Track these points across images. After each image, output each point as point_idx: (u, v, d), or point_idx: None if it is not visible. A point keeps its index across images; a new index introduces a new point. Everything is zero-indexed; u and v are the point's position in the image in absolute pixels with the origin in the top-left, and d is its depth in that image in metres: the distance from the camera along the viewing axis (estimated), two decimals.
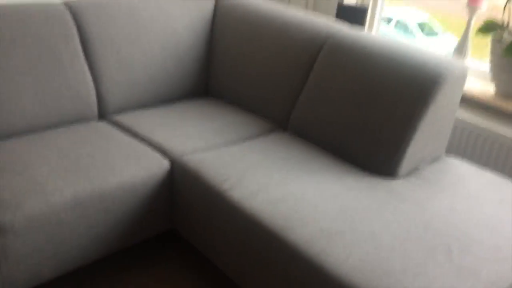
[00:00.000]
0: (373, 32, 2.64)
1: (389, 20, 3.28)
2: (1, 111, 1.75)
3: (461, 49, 2.21)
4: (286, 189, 1.56)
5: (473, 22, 2.19)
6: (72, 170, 1.58)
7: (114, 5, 2.08)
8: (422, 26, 3.26)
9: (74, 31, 1.96)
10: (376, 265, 1.27)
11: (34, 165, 1.58)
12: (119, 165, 1.64)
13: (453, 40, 2.89)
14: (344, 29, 2.00)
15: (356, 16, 2.47)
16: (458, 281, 1.24)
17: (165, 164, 1.72)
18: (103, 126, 1.96)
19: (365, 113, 1.77)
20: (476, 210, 1.56)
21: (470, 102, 2.15)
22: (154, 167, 1.69)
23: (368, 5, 2.60)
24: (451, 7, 2.76)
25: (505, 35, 2.02)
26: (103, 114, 2.06)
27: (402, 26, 3.26)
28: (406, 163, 1.73)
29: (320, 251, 1.32)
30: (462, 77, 1.76)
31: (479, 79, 2.28)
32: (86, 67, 1.98)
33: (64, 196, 1.48)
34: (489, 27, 2.05)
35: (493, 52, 2.06)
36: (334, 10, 2.62)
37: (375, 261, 1.28)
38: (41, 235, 1.45)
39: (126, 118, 2.03)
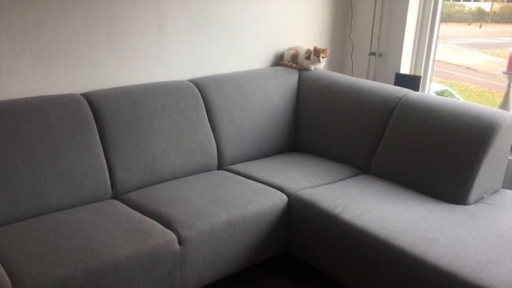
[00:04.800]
0: None
1: None
2: (156, 163, 2.32)
3: (504, 104, 2.72)
4: (384, 211, 2.04)
5: None
6: (220, 202, 2.10)
7: (227, 82, 2.71)
8: (441, 94, 3.69)
9: (201, 102, 2.57)
10: (467, 260, 1.71)
11: (191, 198, 2.11)
12: (252, 199, 2.16)
13: None
14: (410, 92, 2.55)
15: (411, 82, 3.03)
16: None
17: (284, 197, 2.23)
18: (224, 173, 2.50)
19: (436, 157, 2.26)
20: None
21: None
22: (277, 199, 2.20)
23: (420, 74, 3.18)
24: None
25: None
26: (220, 165, 2.61)
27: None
28: (474, 193, 2.19)
29: (422, 251, 1.77)
30: None
31: None
32: (210, 129, 2.57)
33: (221, 219, 1.99)
34: None
35: None
36: (392, 78, 3.19)
37: (466, 257, 1.72)
38: (206, 248, 1.95)
39: (239, 167, 2.57)
